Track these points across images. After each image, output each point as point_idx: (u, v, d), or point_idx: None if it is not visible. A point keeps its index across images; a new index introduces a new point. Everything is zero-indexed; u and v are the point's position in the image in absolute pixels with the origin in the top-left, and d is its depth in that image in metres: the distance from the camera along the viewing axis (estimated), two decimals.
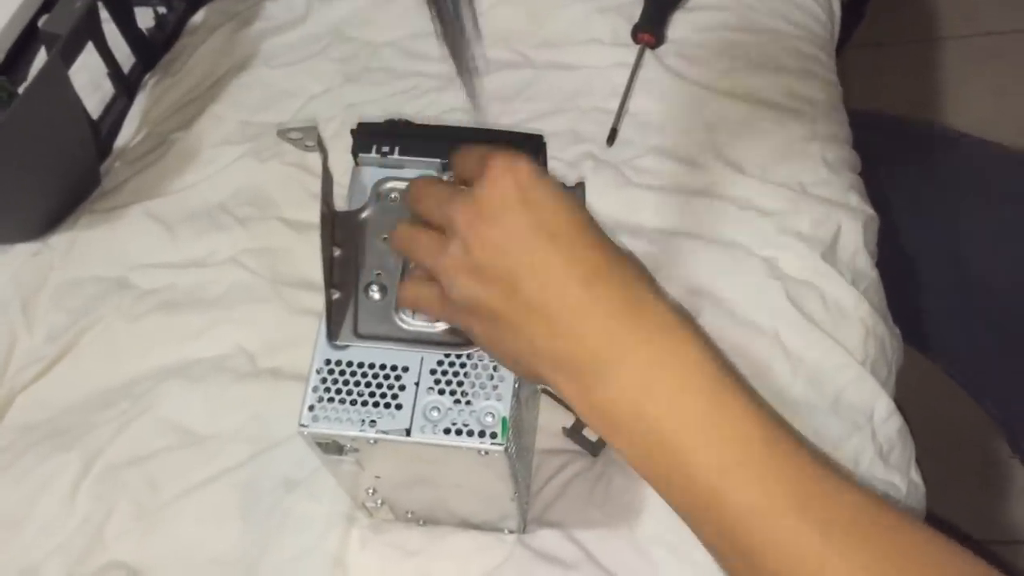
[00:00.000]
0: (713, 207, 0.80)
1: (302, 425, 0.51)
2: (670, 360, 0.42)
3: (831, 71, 0.92)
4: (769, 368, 0.71)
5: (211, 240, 0.85)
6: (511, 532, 0.66)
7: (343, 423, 0.51)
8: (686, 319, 0.44)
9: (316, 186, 0.86)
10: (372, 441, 0.51)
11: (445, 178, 0.55)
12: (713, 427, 0.41)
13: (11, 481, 0.70)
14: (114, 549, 0.67)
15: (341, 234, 0.55)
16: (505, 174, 0.44)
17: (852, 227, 0.79)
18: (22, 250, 0.84)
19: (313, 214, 0.84)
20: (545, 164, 0.59)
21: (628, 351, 0.42)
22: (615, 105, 0.88)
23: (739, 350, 0.72)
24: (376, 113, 0.91)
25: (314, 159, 0.87)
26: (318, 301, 0.70)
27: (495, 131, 0.58)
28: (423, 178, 0.52)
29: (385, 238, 0.55)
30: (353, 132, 0.58)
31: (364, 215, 0.56)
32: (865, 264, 0.78)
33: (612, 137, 0.86)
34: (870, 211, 0.81)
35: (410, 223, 0.50)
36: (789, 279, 0.75)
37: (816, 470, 0.41)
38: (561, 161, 0.85)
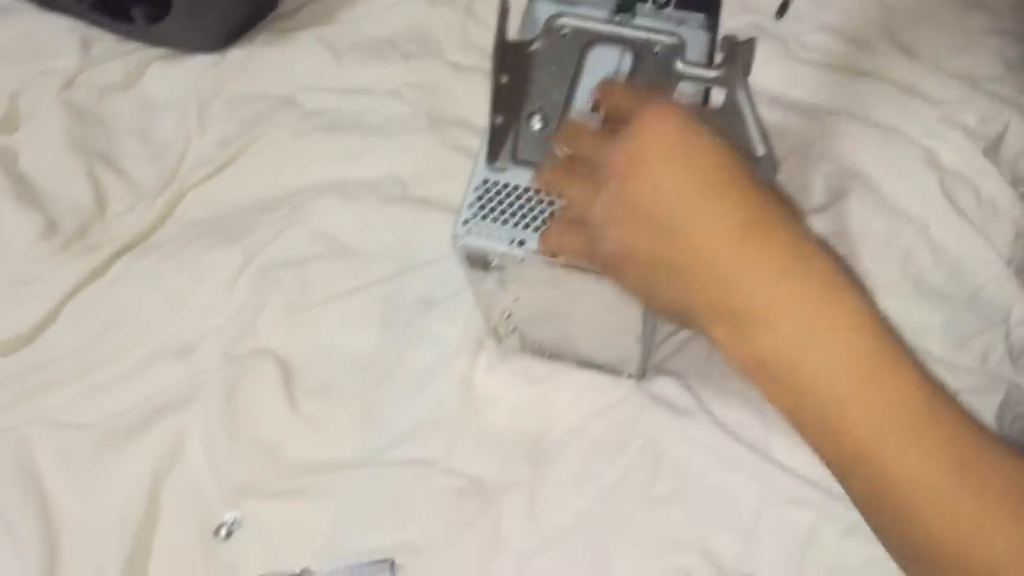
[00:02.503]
0: (878, 90, 0.78)
1: (456, 236, 0.54)
2: (830, 315, 0.41)
3: None
4: (911, 254, 0.70)
5: (375, 71, 0.88)
6: (630, 376, 0.69)
7: (494, 239, 0.54)
8: (847, 273, 0.42)
9: (481, 36, 0.89)
10: (519, 259, 0.54)
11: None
12: (872, 386, 0.40)
13: (177, 266, 0.76)
14: (264, 337, 0.72)
15: (510, 63, 0.57)
16: (661, 121, 0.43)
17: (1020, 128, 0.77)
18: (202, 60, 0.89)
19: (474, 59, 0.88)
20: (718, 19, 0.59)
21: (789, 304, 0.41)
22: None
23: (885, 233, 0.72)
24: None
25: (482, 9, 0.90)
26: (472, 139, 0.74)
27: None
28: (576, 120, 0.52)
29: (552, 71, 0.57)
30: None
31: (534, 47, 0.57)
32: None
33: (783, 10, 0.84)
34: None
35: (563, 167, 0.50)
36: (946, 170, 0.74)
37: (973, 434, 0.39)
38: (724, 27, 0.84)
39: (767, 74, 0.79)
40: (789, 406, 0.41)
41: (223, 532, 0.65)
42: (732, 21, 0.84)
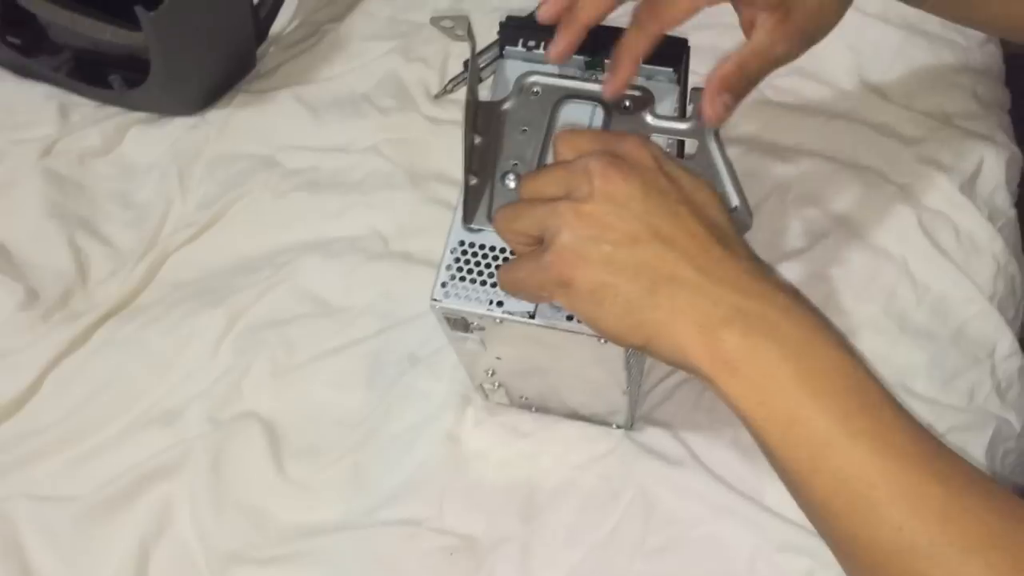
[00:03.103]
0: (852, 130, 0.79)
1: (434, 300, 0.54)
2: (794, 318, 0.43)
3: None
4: (894, 293, 0.71)
5: (353, 127, 0.88)
6: (619, 427, 0.68)
7: (472, 301, 0.54)
8: (797, 290, 0.45)
9: (456, 91, 0.90)
10: (498, 321, 0.54)
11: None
12: (839, 379, 0.42)
13: (161, 331, 0.75)
14: (250, 400, 0.72)
15: (483, 123, 0.57)
16: (641, 146, 0.46)
17: (995, 163, 0.78)
18: (181, 123, 0.89)
19: (451, 113, 0.88)
20: (687, 71, 0.60)
21: (763, 301, 0.43)
22: None
23: (865, 273, 0.72)
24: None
25: (455, 66, 0.91)
26: (451, 193, 0.74)
27: None
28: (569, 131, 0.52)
29: (524, 130, 0.57)
30: (501, 25, 0.60)
31: (506, 106, 0.58)
32: (1004, 202, 0.77)
33: None
34: (1015, 149, 0.79)
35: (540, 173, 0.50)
36: (923, 208, 0.74)
37: (934, 439, 0.42)
38: (699, 76, 0.84)
39: (741, 119, 0.80)
40: (753, 404, 0.42)
41: None
42: (705, 68, 0.83)
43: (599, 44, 0.56)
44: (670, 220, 0.44)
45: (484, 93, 0.58)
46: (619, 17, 0.52)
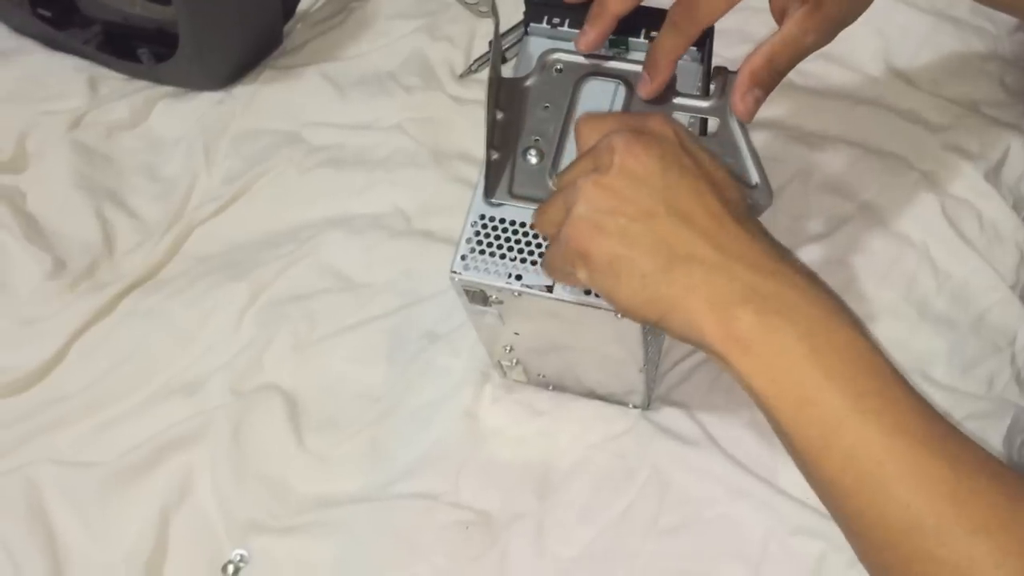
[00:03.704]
0: (877, 116, 0.78)
1: (453, 272, 0.55)
2: (810, 299, 0.43)
3: None
4: (915, 280, 0.71)
5: (379, 105, 0.89)
6: (635, 407, 0.69)
7: (491, 274, 0.54)
8: (813, 271, 0.45)
9: (480, 70, 0.90)
10: (516, 294, 0.54)
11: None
12: (852, 359, 0.42)
13: (185, 303, 0.76)
14: (271, 373, 0.73)
15: (505, 99, 0.58)
16: (664, 123, 0.47)
17: (1021, 152, 0.77)
18: (208, 98, 0.90)
19: (474, 92, 0.88)
20: (711, 51, 0.60)
21: (778, 281, 0.43)
22: None
23: (887, 259, 0.72)
24: None
25: (481, 45, 0.91)
26: (474, 172, 0.74)
27: (665, 11, 0.58)
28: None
29: (546, 107, 0.57)
30: (526, 2, 0.60)
31: (528, 83, 0.58)
32: None
33: None
34: None
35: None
36: (947, 195, 0.74)
37: (940, 418, 0.42)
38: (723, 58, 0.84)
39: (765, 102, 0.79)
40: (766, 381, 0.43)
41: (230, 570, 0.65)
42: (729, 52, 0.84)
43: (622, 23, 0.56)
44: (689, 196, 0.44)
45: (507, 70, 0.59)
46: None
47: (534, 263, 0.54)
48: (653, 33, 0.57)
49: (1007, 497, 0.39)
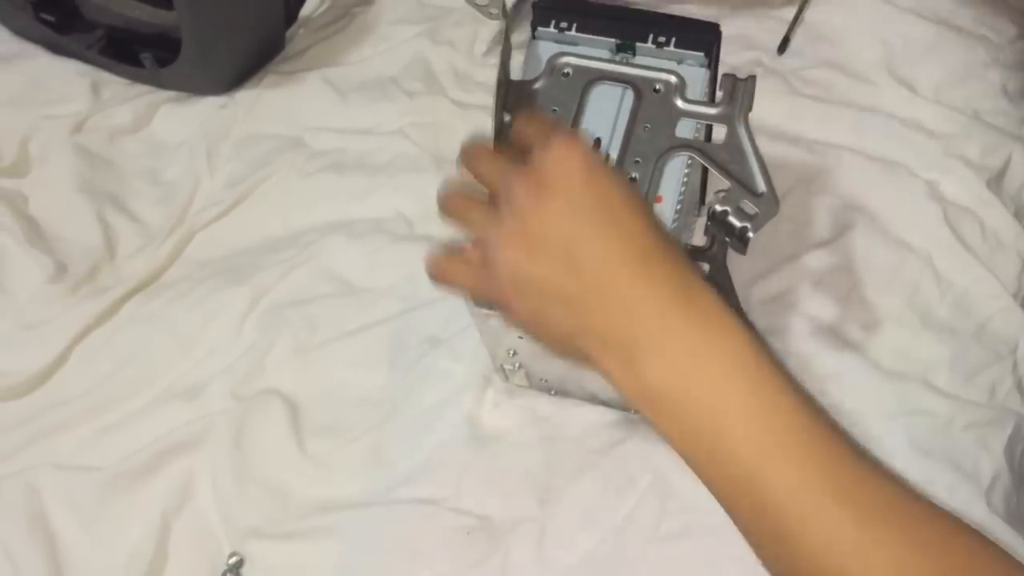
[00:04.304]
0: (880, 123, 0.79)
1: None
2: (717, 345, 0.42)
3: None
4: (918, 287, 0.71)
5: (380, 110, 0.89)
6: (637, 412, 0.68)
7: None
8: (728, 309, 0.44)
9: (482, 74, 0.90)
10: None
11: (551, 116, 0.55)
12: (755, 411, 0.41)
13: (187, 307, 0.76)
14: (273, 377, 0.73)
15: (513, 101, 0.58)
16: (570, 152, 0.44)
17: (1023, 160, 0.77)
18: (211, 102, 0.90)
19: (477, 97, 0.89)
20: (718, 57, 0.60)
21: (680, 333, 0.42)
22: (790, 15, 0.87)
23: (890, 266, 0.72)
24: None
25: (483, 49, 0.91)
26: None
27: (673, 17, 0.59)
28: (480, 144, 0.51)
29: (554, 110, 0.58)
30: (534, 6, 0.60)
31: (536, 86, 0.58)
32: None
33: (784, 46, 0.85)
34: None
35: (462, 192, 0.50)
36: (949, 203, 0.74)
37: (852, 457, 0.41)
38: (727, 64, 0.85)
39: (769, 109, 0.79)
40: (681, 434, 0.43)
41: None
42: (733, 58, 0.85)
43: (630, 28, 0.56)
44: (599, 244, 0.43)
45: (515, 73, 0.59)
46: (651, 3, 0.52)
47: None
48: (661, 39, 0.58)
49: (911, 545, 0.39)
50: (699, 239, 0.63)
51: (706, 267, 0.59)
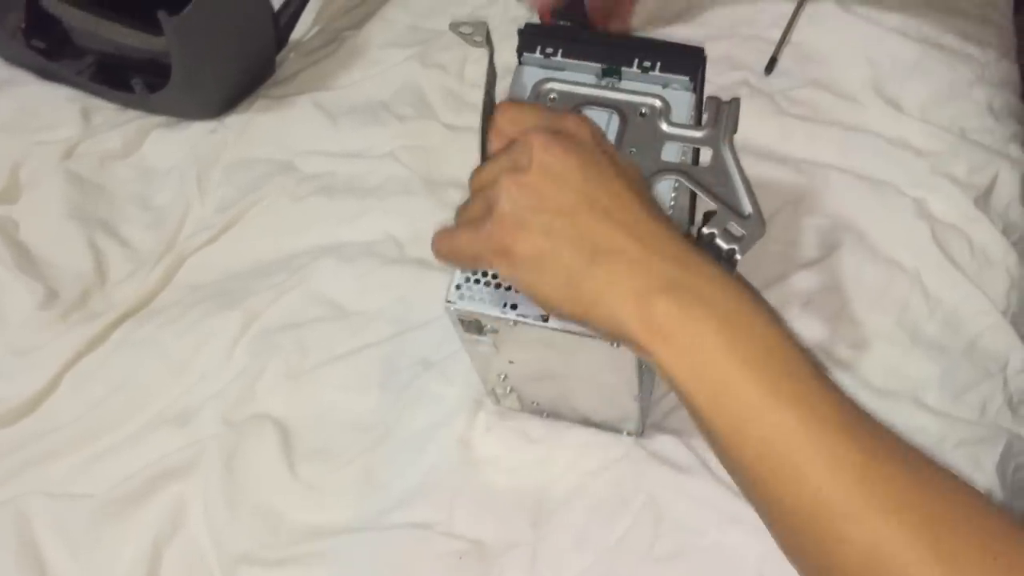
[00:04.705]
0: (867, 142, 0.79)
1: (448, 301, 0.55)
2: (731, 292, 0.44)
3: (1007, 18, 0.90)
4: (907, 305, 0.71)
5: (371, 134, 0.89)
6: (629, 434, 0.69)
7: (486, 303, 0.54)
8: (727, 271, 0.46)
9: (473, 96, 0.91)
10: (512, 323, 0.54)
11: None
12: (768, 349, 0.43)
13: (178, 332, 0.76)
14: (264, 402, 0.73)
15: None
16: (581, 123, 0.47)
17: (1010, 177, 0.78)
18: (201, 127, 0.90)
19: (467, 119, 0.89)
20: (703, 81, 0.60)
21: (696, 273, 0.44)
22: (776, 35, 0.88)
23: (879, 285, 0.73)
24: None
25: (473, 71, 0.92)
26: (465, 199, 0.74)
27: (657, 41, 0.59)
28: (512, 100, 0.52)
29: None
30: (520, 32, 0.61)
31: None
32: (1018, 216, 0.77)
33: (771, 66, 0.86)
34: None
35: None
36: (937, 221, 0.75)
37: (859, 409, 0.42)
38: (714, 85, 0.85)
39: (756, 129, 0.80)
40: (689, 370, 0.43)
41: None
42: (721, 79, 0.86)
43: (615, 53, 0.56)
44: (608, 193, 0.45)
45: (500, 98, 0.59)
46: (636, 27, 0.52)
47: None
48: (646, 63, 0.58)
49: (917, 481, 0.40)
50: None
51: None
